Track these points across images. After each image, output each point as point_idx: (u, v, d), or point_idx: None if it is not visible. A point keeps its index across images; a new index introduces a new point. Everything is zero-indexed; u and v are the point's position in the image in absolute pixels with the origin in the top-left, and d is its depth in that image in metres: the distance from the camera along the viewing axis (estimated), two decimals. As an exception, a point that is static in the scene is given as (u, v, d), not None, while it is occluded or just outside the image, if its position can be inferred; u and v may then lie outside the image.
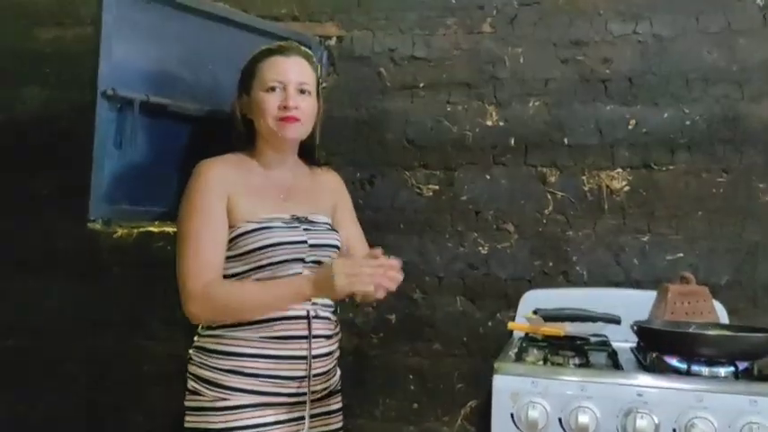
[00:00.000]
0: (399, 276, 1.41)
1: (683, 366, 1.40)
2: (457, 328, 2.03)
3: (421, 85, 2.09)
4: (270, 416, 1.47)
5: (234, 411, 1.45)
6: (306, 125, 1.58)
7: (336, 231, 1.63)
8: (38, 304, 2.25)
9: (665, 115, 1.94)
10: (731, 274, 1.87)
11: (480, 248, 2.03)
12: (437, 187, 2.06)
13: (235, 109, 1.62)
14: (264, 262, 1.49)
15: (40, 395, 2.24)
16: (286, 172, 1.62)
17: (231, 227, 1.50)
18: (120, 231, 2.19)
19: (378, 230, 2.06)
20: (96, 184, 1.61)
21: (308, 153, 1.69)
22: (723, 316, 1.75)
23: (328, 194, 1.69)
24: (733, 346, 1.38)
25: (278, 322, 1.47)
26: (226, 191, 1.51)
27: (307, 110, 1.56)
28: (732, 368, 1.37)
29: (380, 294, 1.40)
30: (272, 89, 1.54)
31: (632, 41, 1.96)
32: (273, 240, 1.49)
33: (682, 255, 1.90)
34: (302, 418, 1.50)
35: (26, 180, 2.24)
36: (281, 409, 1.49)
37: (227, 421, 1.44)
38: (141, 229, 2.16)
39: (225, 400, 1.46)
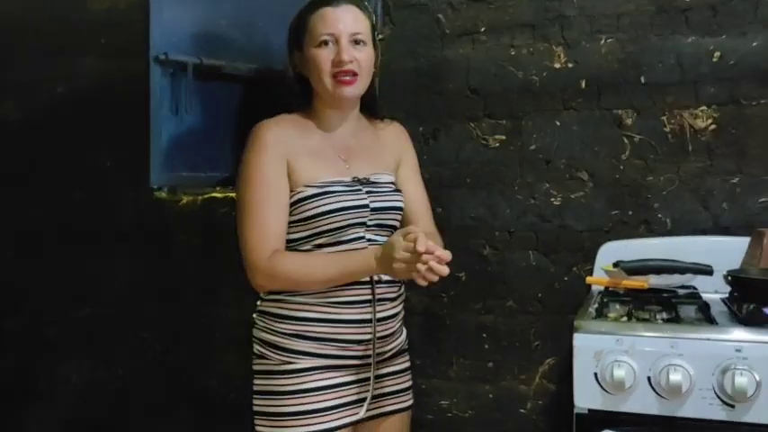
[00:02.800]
0: (445, 271, 1.31)
1: (786, 318, 1.28)
2: (531, 284, 1.94)
3: (482, 29, 1.97)
4: (336, 377, 1.45)
5: (300, 374, 1.43)
6: (364, 78, 1.50)
7: (400, 192, 1.56)
8: (110, 274, 2.29)
9: (755, 44, 1.76)
10: (834, 215, 1.70)
11: (552, 199, 1.92)
12: (504, 137, 1.95)
13: (288, 67, 1.55)
14: (325, 228, 1.44)
15: (117, 362, 2.30)
16: (346, 131, 1.55)
17: (291, 191, 1.45)
18: (184, 199, 2.19)
19: (443, 186, 1.98)
20: (155, 151, 1.59)
21: (370, 107, 1.61)
22: (826, 262, 1.60)
23: (391, 149, 1.62)
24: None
25: (343, 287, 1.43)
26: (284, 153, 1.46)
27: (363, 61, 1.48)
28: (842, 318, 1.24)
29: (422, 283, 1.32)
30: (325, 43, 1.46)
31: (715, -37, 1.78)
32: (334, 206, 1.43)
33: (776, 197, 1.74)
34: (368, 379, 1.47)
35: (89, 152, 2.25)
36: (347, 371, 1.46)
37: (294, 384, 1.43)
38: (205, 196, 2.15)
39: (291, 363, 1.44)
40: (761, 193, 1.75)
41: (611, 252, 1.79)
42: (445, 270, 1.29)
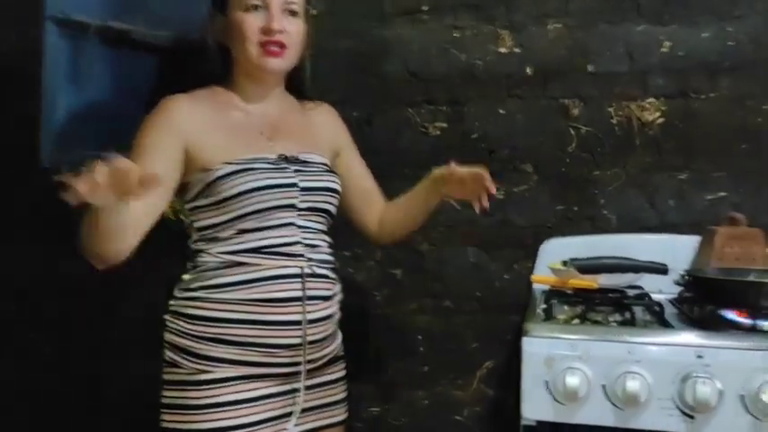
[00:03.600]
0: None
1: (747, 321, 1.20)
2: (469, 283, 1.82)
3: (424, 8, 1.83)
4: (260, 389, 1.27)
5: (217, 385, 1.25)
6: (292, 52, 1.35)
7: (335, 174, 1.41)
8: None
9: (705, 35, 1.69)
10: (780, 213, 1.66)
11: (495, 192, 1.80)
12: (445, 125, 1.83)
13: (207, 33, 1.37)
14: (248, 209, 1.27)
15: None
16: (270, 107, 1.39)
17: (205, 170, 1.27)
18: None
19: (379, 176, 1.81)
20: (47, 126, 1.38)
21: (298, 86, 1.46)
22: (775, 261, 1.54)
23: (326, 132, 1.47)
24: (807, 296, 1.17)
25: (267, 282, 1.26)
26: (187, 130, 1.28)
27: (295, 35, 1.34)
28: (805, 322, 1.17)
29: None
30: (254, 8, 1.31)
31: (667, -51, 1.70)
32: (257, 183, 1.27)
33: (724, 194, 1.68)
34: (297, 390, 1.30)
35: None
36: (273, 381, 1.29)
37: (210, 396, 1.24)
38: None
39: (206, 372, 1.25)
40: (708, 191, 1.69)
41: (555, 249, 1.70)
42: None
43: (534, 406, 1.19)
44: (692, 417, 1.11)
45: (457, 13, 1.82)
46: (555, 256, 1.60)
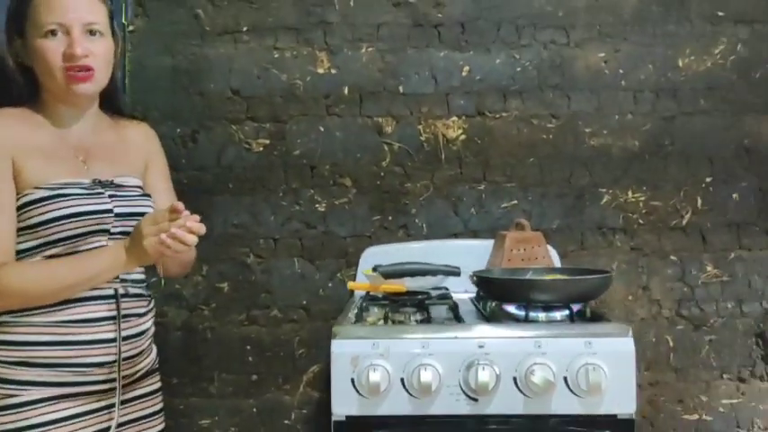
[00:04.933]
0: (202, 229, 1.21)
1: (521, 313, 1.38)
2: (295, 292, 1.91)
3: (244, 29, 1.90)
4: (72, 408, 1.26)
5: (25, 408, 1.22)
6: (102, 74, 1.31)
7: (149, 197, 1.42)
8: None
9: (498, 61, 1.91)
10: (561, 218, 1.90)
11: (317, 206, 1.91)
12: (267, 141, 1.90)
13: (6, 56, 1.32)
14: (60, 236, 1.25)
15: None
16: (83, 128, 1.36)
17: (17, 194, 1.25)
18: None
19: (204, 192, 1.88)
20: None
21: (112, 103, 1.43)
22: (556, 260, 1.78)
23: (137, 151, 1.45)
24: (567, 289, 1.38)
25: (79, 304, 1.26)
26: (9, 151, 1.25)
27: (101, 55, 1.30)
28: (567, 311, 1.37)
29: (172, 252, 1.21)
30: (52, 33, 1.26)
31: (462, -16, 1.90)
32: (70, 210, 1.25)
33: (516, 202, 1.90)
34: (112, 406, 1.30)
35: None
36: (86, 400, 1.28)
37: (17, 420, 1.22)
38: None
39: (13, 396, 1.23)
40: (502, 199, 1.90)
41: (373, 257, 1.82)
42: (194, 238, 1.20)
43: (343, 402, 1.29)
44: (475, 399, 1.27)
45: (277, 35, 1.91)
46: (374, 264, 1.71)
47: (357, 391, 1.28)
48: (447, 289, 1.67)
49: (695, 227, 1.91)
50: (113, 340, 1.29)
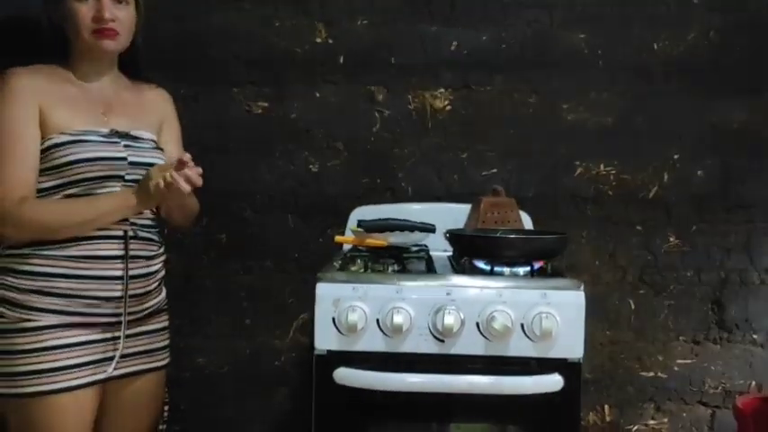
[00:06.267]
0: (199, 181, 1.39)
1: (488, 267, 1.53)
2: (288, 245, 2.06)
3: (246, -2, 2.03)
4: (81, 335, 1.42)
5: (40, 332, 1.39)
6: (124, 37, 1.50)
7: (162, 150, 1.57)
8: None
9: (484, 38, 2.03)
10: (537, 187, 2.05)
11: (311, 166, 2.05)
12: (266, 105, 2.04)
13: (42, 16, 1.49)
14: (78, 177, 1.41)
15: None
16: (105, 85, 1.53)
17: (43, 138, 1.41)
18: None
19: (205, 150, 1.98)
20: None
21: (132, 66, 1.60)
22: (528, 224, 1.92)
23: (155, 111, 1.62)
24: (528, 247, 1.53)
25: (92, 241, 1.42)
26: (37, 100, 1.41)
27: (125, 20, 1.48)
28: (528, 267, 1.52)
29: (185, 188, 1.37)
30: None
31: (453, -39, 2.01)
32: (89, 155, 1.41)
33: (495, 170, 2.04)
34: (118, 337, 1.46)
35: None
36: (94, 330, 1.44)
37: (32, 342, 1.38)
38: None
39: (29, 321, 1.39)
40: (483, 167, 2.04)
41: (361, 215, 1.95)
42: (187, 187, 1.36)
43: (324, 338, 1.45)
44: (442, 340, 1.43)
45: (277, 5, 2.03)
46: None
47: (337, 329, 1.44)
48: (426, 246, 1.83)
49: (661, 200, 2.05)
50: (120, 278, 1.44)
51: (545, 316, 1.40)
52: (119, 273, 1.45)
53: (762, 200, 2.03)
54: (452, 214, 1.93)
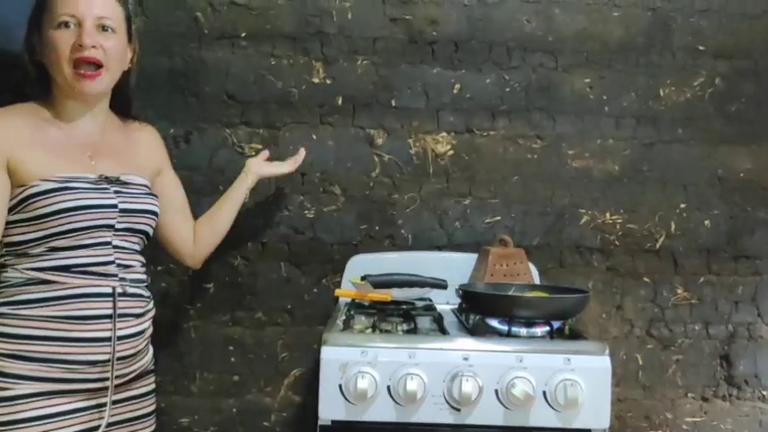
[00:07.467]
0: None
1: (504, 328, 1.44)
2: (281, 296, 1.94)
3: (242, 34, 1.93)
4: (63, 404, 1.29)
5: (17, 402, 1.25)
6: (112, 71, 1.37)
7: (155, 196, 1.45)
8: None
9: (488, 81, 1.97)
10: (542, 236, 1.97)
11: (306, 212, 1.95)
12: (260, 146, 1.93)
13: (24, 50, 1.37)
14: (64, 228, 1.28)
15: None
16: (92, 126, 1.40)
17: (21, 186, 1.28)
18: None
19: (194, 192, 1.88)
20: None
21: (122, 104, 1.48)
22: (536, 276, 1.84)
23: (148, 154, 1.51)
24: (549, 307, 1.44)
25: (75, 300, 1.28)
26: (8, 146, 1.28)
27: (111, 50, 1.35)
28: (548, 328, 1.43)
29: None
30: (65, 25, 1.31)
31: (458, 4, 1.95)
32: (76, 203, 1.29)
33: (499, 218, 1.96)
34: (104, 405, 1.32)
35: None
36: (77, 397, 1.31)
37: (8, 414, 1.24)
38: None
39: (6, 389, 1.25)
40: (486, 214, 1.96)
41: (359, 264, 1.86)
42: None
43: (329, 407, 1.33)
44: (458, 409, 1.32)
45: (274, 43, 1.94)
46: (359, 271, 1.77)
47: (344, 397, 1.32)
48: (431, 300, 1.73)
49: (668, 250, 1.99)
50: (107, 339, 1.31)
51: (570, 383, 1.31)
52: (106, 334, 1.31)
53: (769, 251, 1.99)
54: (455, 264, 1.84)
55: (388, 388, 1.32)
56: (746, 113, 1.99)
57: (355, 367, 1.32)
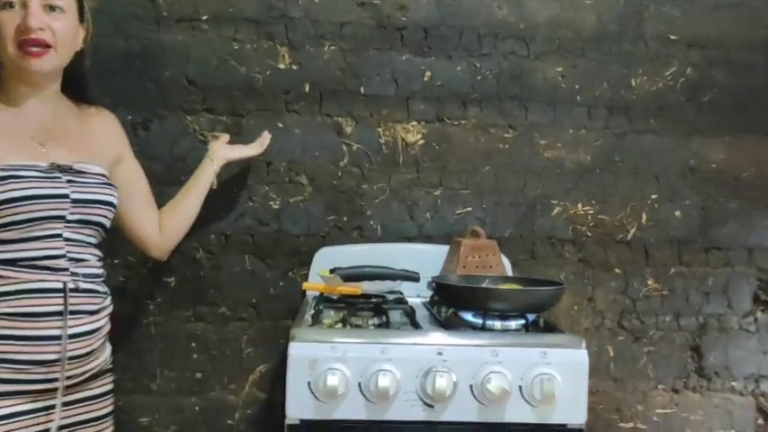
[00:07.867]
0: None
1: (479, 321, 1.39)
2: (245, 290, 1.86)
3: (203, 17, 1.84)
4: (10, 407, 1.20)
5: None
6: (61, 52, 1.29)
7: (113, 186, 1.37)
8: None
9: (459, 68, 1.92)
10: (513, 227, 1.93)
11: (271, 203, 1.87)
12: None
13: None
14: (12, 219, 1.20)
15: None
16: (43, 110, 1.32)
17: None
18: None
19: (155, 183, 1.78)
20: None
21: (76, 87, 1.40)
22: (508, 268, 1.80)
23: (105, 140, 1.43)
24: (524, 299, 1.40)
25: (23, 296, 1.20)
26: None
27: (60, 31, 1.27)
28: (523, 321, 1.39)
29: None
30: (9, 5, 1.24)
31: (428, -11, 1.90)
32: (24, 193, 1.20)
33: (470, 209, 1.92)
34: (53, 407, 1.24)
35: None
36: (24, 398, 1.22)
37: None
38: None
39: None
40: (457, 205, 1.91)
41: (327, 257, 1.80)
42: None
43: (298, 406, 1.27)
44: (431, 406, 1.27)
45: (237, 26, 1.86)
46: (327, 264, 1.71)
47: (313, 395, 1.26)
48: (401, 293, 1.67)
49: (639, 241, 1.97)
50: (58, 337, 1.23)
51: (546, 378, 1.27)
52: (56, 332, 1.23)
53: (739, 243, 1.99)
54: (426, 256, 1.80)
55: (359, 385, 1.27)
56: (718, 103, 1.98)
57: (325, 364, 1.26)
